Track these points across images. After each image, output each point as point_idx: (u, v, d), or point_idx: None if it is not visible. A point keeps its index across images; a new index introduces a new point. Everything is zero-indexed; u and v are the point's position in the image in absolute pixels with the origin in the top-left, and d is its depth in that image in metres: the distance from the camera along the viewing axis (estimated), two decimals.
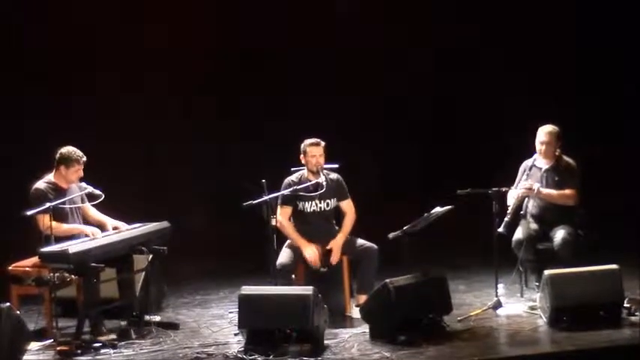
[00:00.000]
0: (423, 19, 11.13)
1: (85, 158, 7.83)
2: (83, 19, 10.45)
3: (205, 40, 10.93)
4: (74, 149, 7.84)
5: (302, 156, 8.14)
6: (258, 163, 9.94)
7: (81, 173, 7.83)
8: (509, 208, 8.14)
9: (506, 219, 8.06)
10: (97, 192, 7.82)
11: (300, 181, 8.10)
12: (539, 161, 8.33)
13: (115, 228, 8.00)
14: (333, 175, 8.21)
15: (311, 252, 7.97)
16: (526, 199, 8.32)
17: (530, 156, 8.37)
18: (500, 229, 7.97)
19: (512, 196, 8.24)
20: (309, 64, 10.91)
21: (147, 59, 10.69)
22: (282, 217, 8.04)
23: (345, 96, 10.99)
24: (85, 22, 10.43)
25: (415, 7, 11.10)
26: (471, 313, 7.80)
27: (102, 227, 7.97)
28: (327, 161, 8.18)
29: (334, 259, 8.00)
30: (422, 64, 11.19)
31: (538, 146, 8.28)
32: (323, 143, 8.10)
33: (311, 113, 10.52)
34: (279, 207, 8.04)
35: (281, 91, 10.96)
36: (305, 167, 8.16)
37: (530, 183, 8.20)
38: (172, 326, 7.84)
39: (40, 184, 7.78)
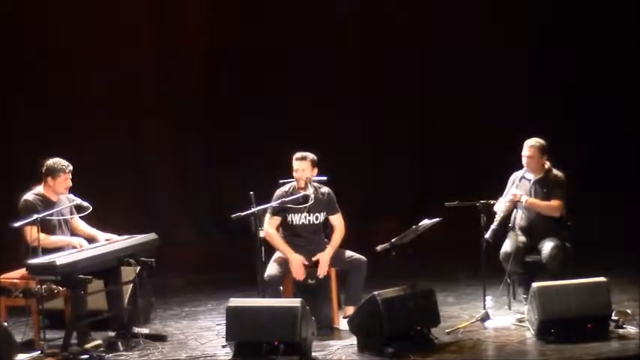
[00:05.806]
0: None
1: (71, 167, 7.80)
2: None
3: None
4: (59, 159, 7.81)
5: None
6: (250, 169, 10.03)
7: (69, 183, 7.81)
8: (497, 216, 8.15)
9: (493, 226, 8.07)
10: (85, 204, 7.81)
11: (290, 193, 8.10)
12: (529, 173, 8.35)
13: (107, 240, 7.97)
14: (324, 189, 8.19)
15: (296, 263, 7.93)
16: (514, 211, 8.34)
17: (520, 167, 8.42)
18: (487, 236, 7.97)
19: (499, 205, 8.25)
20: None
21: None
22: (270, 227, 8.02)
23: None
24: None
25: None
26: (459, 326, 7.79)
27: (93, 241, 7.93)
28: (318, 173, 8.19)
29: (321, 272, 7.96)
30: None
31: (523, 159, 8.32)
32: (309, 157, 8.08)
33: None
34: (267, 217, 8.02)
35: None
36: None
37: (518, 192, 8.22)
38: (160, 338, 7.81)
39: (29, 196, 7.75)
